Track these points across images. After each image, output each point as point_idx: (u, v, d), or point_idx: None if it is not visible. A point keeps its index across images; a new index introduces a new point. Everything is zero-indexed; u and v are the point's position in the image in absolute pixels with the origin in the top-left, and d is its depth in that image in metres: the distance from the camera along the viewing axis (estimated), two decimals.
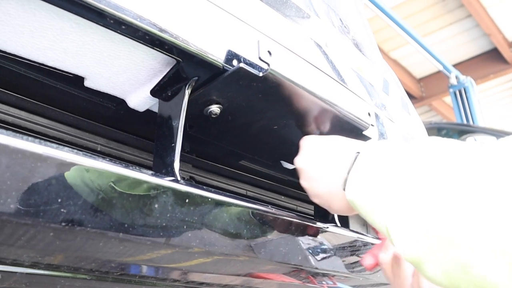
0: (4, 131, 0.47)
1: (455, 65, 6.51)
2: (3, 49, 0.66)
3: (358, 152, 0.65)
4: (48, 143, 0.49)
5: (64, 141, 0.81)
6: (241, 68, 0.67)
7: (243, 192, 1.10)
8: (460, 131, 5.04)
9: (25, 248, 0.54)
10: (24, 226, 0.51)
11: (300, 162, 0.77)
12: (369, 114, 0.94)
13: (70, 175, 0.51)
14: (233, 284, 0.81)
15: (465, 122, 5.91)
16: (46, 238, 0.53)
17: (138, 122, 0.86)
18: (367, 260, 0.83)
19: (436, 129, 5.29)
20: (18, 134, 0.48)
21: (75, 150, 0.51)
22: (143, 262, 0.67)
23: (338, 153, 0.70)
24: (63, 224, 0.52)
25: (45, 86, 0.76)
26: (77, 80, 0.73)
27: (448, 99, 6.45)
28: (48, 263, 0.58)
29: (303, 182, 0.77)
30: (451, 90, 6.11)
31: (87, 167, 0.52)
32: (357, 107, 0.90)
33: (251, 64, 0.69)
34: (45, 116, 0.79)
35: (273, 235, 0.75)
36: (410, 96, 7.06)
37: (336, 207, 0.72)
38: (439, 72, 6.21)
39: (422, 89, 7.11)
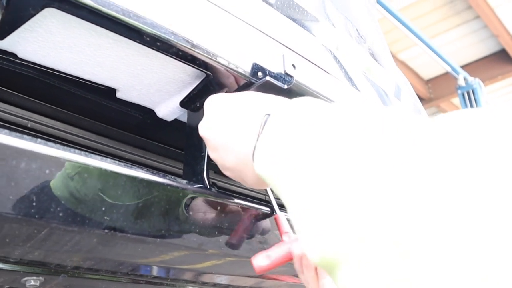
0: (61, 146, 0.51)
1: (463, 66, 6.52)
2: (42, 63, 0.69)
3: (268, 114, 0.51)
4: (98, 156, 0.53)
5: (94, 149, 0.84)
6: (267, 81, 0.70)
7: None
8: None
9: (69, 252, 0.57)
10: (70, 233, 0.55)
11: (204, 129, 0.63)
12: None
13: (113, 185, 0.55)
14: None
15: None
16: (90, 243, 0.56)
17: (163, 130, 0.90)
18: (258, 261, 0.61)
19: None
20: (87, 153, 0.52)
21: (122, 163, 0.55)
22: (169, 265, 0.70)
23: (246, 114, 0.56)
24: (106, 230, 0.55)
25: (78, 98, 0.80)
26: (109, 91, 0.77)
27: (456, 100, 6.45)
28: (89, 267, 0.61)
29: (211, 153, 0.63)
30: (459, 91, 6.11)
31: (138, 178, 0.56)
32: None
33: (275, 77, 0.72)
34: (76, 125, 0.83)
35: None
36: (418, 97, 7.06)
37: (250, 182, 0.59)
38: (447, 73, 6.22)
39: (430, 91, 7.12)
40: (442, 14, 5.98)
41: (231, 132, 0.57)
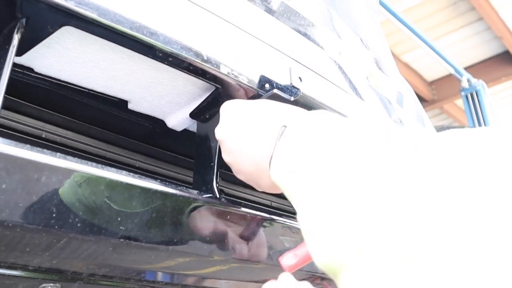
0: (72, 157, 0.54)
1: (466, 68, 6.53)
2: (57, 77, 0.72)
3: (285, 126, 0.55)
4: (110, 167, 0.56)
5: (106, 158, 0.87)
6: (274, 93, 0.73)
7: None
8: None
9: (84, 260, 0.60)
10: (85, 242, 0.57)
11: (220, 132, 0.66)
12: None
13: (128, 196, 0.57)
14: None
15: (477, 125, 5.92)
16: (106, 252, 0.59)
17: (172, 139, 0.92)
18: (285, 260, 0.64)
19: None
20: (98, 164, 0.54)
21: (133, 173, 0.57)
22: (181, 272, 0.73)
23: (263, 123, 0.59)
24: (121, 240, 0.58)
25: (90, 108, 0.83)
26: (121, 103, 0.79)
27: (460, 102, 6.46)
28: (104, 274, 0.64)
29: (225, 156, 0.66)
30: (462, 93, 6.12)
31: (149, 189, 0.58)
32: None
33: (282, 89, 0.75)
34: (88, 135, 0.86)
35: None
36: (422, 99, 7.08)
37: (263, 185, 0.63)
38: (450, 75, 6.23)
39: (434, 92, 7.12)
40: (446, 16, 5.99)
41: (248, 138, 0.61)
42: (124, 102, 0.79)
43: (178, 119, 0.81)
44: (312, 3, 0.99)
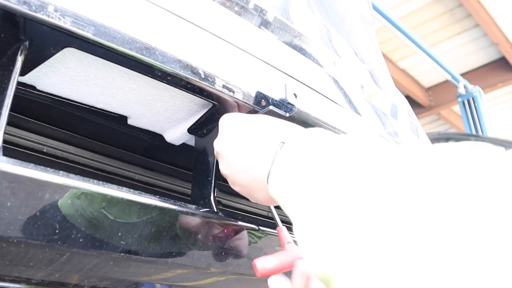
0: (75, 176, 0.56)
1: (463, 74, 6.57)
2: (59, 94, 0.74)
3: (283, 142, 0.57)
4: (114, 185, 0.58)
5: (106, 172, 0.89)
6: (270, 110, 0.75)
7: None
8: (467, 140, 5.08)
9: (87, 274, 0.62)
10: (87, 257, 0.59)
11: (219, 145, 0.68)
12: None
13: (128, 212, 0.59)
14: None
15: (474, 131, 5.95)
16: (106, 266, 0.61)
17: (170, 152, 0.94)
18: (263, 263, 0.64)
19: (445, 139, 5.35)
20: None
21: (134, 190, 0.60)
22: (178, 284, 0.75)
23: (262, 138, 0.61)
24: (122, 254, 0.60)
25: (90, 123, 0.85)
26: (121, 118, 0.81)
27: (457, 107, 6.50)
28: (105, 287, 0.66)
29: (223, 168, 0.68)
30: (459, 99, 6.16)
31: (149, 205, 0.60)
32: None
33: (278, 105, 0.77)
34: (89, 149, 0.88)
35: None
36: (419, 105, 7.12)
37: (258, 198, 0.65)
38: (447, 81, 6.28)
39: (431, 98, 7.16)
40: (442, 22, 6.04)
41: (246, 152, 0.63)
42: (124, 117, 0.81)
43: (177, 134, 0.83)
44: (306, 18, 1.02)
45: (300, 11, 1.01)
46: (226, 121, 0.70)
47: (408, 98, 7.05)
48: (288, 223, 0.61)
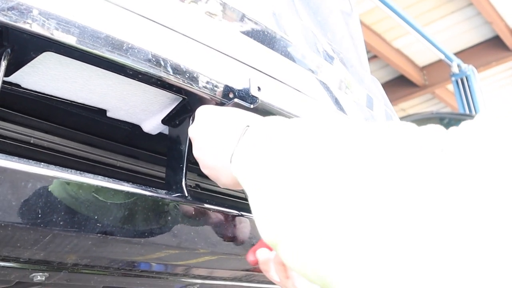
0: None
1: (457, 53, 6.60)
2: (42, 91, 0.81)
3: (248, 126, 0.64)
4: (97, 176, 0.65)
5: (89, 160, 0.96)
6: (235, 102, 0.82)
7: None
8: (460, 120, 5.14)
9: (69, 253, 0.70)
10: (68, 237, 0.67)
11: (193, 131, 0.76)
12: None
13: (101, 199, 0.67)
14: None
15: (467, 110, 6.02)
16: (85, 246, 0.69)
17: (149, 140, 1.02)
18: (249, 256, 0.75)
19: (438, 119, 5.42)
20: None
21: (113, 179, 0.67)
22: (153, 261, 0.83)
23: (230, 124, 0.68)
24: (99, 235, 0.68)
25: (74, 115, 0.92)
26: (101, 111, 0.89)
27: (452, 86, 6.55)
28: (85, 264, 0.74)
29: (195, 152, 0.75)
30: (453, 78, 6.22)
31: (124, 191, 0.68)
32: None
33: (243, 98, 0.84)
34: (73, 139, 0.95)
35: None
36: (413, 84, 7.17)
37: (223, 180, 0.71)
38: (441, 60, 6.32)
39: (425, 77, 7.21)
40: (436, 1, 6.05)
41: (215, 138, 0.70)
42: (104, 110, 0.89)
43: (152, 124, 0.91)
44: (276, 13, 1.08)
45: (273, 8, 1.08)
46: (201, 111, 0.77)
47: (403, 77, 7.10)
48: None
